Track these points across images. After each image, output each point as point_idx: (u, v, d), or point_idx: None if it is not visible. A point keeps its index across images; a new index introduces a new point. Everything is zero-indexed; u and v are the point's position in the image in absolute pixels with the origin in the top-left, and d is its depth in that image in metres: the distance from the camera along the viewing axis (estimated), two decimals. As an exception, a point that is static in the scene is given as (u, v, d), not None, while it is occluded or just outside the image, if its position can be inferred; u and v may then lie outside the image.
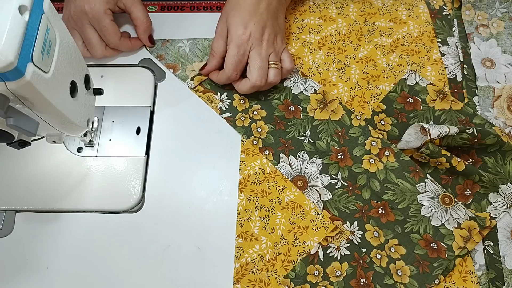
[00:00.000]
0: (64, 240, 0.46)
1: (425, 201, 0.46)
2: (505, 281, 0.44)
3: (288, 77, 0.54)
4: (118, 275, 0.45)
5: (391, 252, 0.45)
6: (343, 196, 0.48)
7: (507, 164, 0.48)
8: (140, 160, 0.50)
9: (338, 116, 0.51)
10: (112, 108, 0.52)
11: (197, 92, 0.53)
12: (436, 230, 0.45)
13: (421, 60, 0.55)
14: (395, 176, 0.48)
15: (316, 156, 0.50)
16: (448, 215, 0.46)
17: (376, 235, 0.46)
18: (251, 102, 0.53)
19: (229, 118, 0.52)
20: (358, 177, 0.48)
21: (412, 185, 0.47)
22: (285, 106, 0.52)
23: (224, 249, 0.46)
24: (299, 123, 0.51)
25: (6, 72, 0.27)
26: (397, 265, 0.45)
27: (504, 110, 0.52)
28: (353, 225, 0.46)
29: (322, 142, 0.50)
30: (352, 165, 0.49)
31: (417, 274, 0.44)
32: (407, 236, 0.45)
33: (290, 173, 0.49)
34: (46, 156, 0.49)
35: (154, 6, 0.60)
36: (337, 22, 0.58)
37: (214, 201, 0.48)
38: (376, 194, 0.47)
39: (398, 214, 0.46)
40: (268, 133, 0.51)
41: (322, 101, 0.52)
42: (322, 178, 0.49)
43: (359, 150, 0.50)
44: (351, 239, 0.46)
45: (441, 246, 0.45)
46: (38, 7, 0.30)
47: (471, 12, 0.58)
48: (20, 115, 0.32)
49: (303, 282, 0.44)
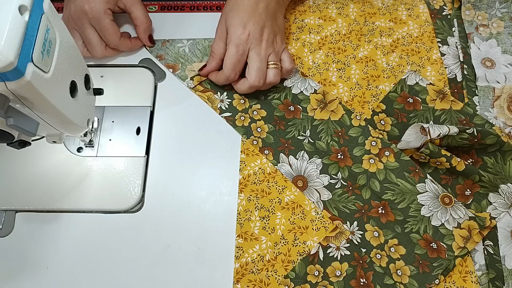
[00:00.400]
0: (64, 240, 0.46)
1: (425, 201, 0.46)
2: (505, 281, 0.44)
3: (288, 77, 0.54)
4: (118, 275, 0.45)
5: (391, 252, 0.45)
6: (343, 196, 0.48)
7: (507, 164, 0.48)
8: (140, 160, 0.50)
9: (338, 116, 0.51)
10: (112, 108, 0.52)
11: (197, 91, 0.53)
12: (436, 230, 0.45)
13: (421, 60, 0.55)
14: (395, 176, 0.48)
15: (316, 156, 0.50)
16: (448, 215, 0.46)
17: (376, 235, 0.46)
18: (251, 102, 0.53)
19: (229, 117, 0.52)
20: (358, 177, 0.48)
21: (412, 185, 0.47)
22: (285, 106, 0.52)
23: (224, 249, 0.46)
24: (299, 123, 0.51)
25: (6, 72, 0.27)
26: (397, 265, 0.44)
27: (504, 110, 0.52)
28: (353, 225, 0.46)
29: (322, 142, 0.50)
30: (352, 165, 0.49)
31: (417, 274, 0.44)
32: (407, 236, 0.45)
33: (290, 173, 0.49)
34: (46, 156, 0.49)
35: (154, 6, 0.60)
36: (337, 22, 0.58)
37: (214, 201, 0.48)
38: (376, 194, 0.47)
39: (398, 214, 0.46)
40: (268, 133, 0.51)
41: (322, 101, 0.52)
42: (322, 178, 0.49)
43: (359, 150, 0.50)
44: (351, 239, 0.46)
45: (441, 246, 0.45)
46: (38, 7, 0.30)
47: (471, 12, 0.58)
48: (20, 115, 0.32)
49: (303, 282, 0.44)
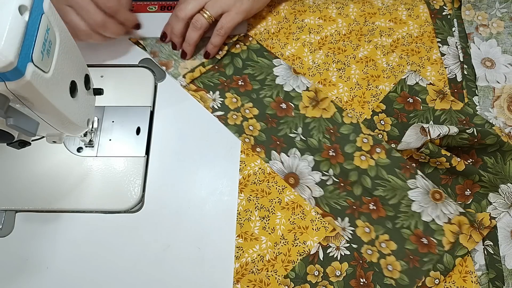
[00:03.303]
0: (64, 240, 0.46)
1: (415, 197, 0.47)
2: (505, 281, 0.44)
3: (280, 74, 0.54)
4: (118, 275, 0.45)
5: (381, 247, 0.45)
6: (335, 192, 0.48)
7: (507, 164, 0.48)
8: (140, 160, 0.50)
9: (330, 114, 0.52)
10: (112, 108, 0.52)
11: (190, 91, 0.53)
12: (426, 226, 0.46)
13: (421, 60, 0.55)
14: (386, 172, 0.48)
15: (308, 153, 0.50)
16: (439, 210, 0.46)
17: (367, 230, 0.46)
18: (243, 101, 0.53)
19: (221, 116, 0.52)
20: (350, 174, 0.48)
21: (403, 181, 0.47)
22: (277, 104, 0.53)
23: (224, 249, 0.46)
24: (291, 120, 0.52)
25: (6, 72, 0.27)
26: (387, 260, 0.45)
27: (504, 110, 0.52)
28: (344, 221, 0.47)
29: (313, 139, 0.50)
30: (344, 161, 0.49)
31: (407, 269, 0.44)
32: (398, 231, 0.46)
33: (281, 170, 0.49)
34: (46, 156, 0.49)
35: (154, 6, 0.60)
36: (337, 22, 0.58)
37: (214, 201, 0.48)
38: (367, 190, 0.48)
39: (389, 210, 0.47)
40: (260, 131, 0.51)
41: (314, 99, 0.53)
42: (314, 175, 0.49)
43: (350, 147, 0.50)
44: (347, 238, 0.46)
45: (431, 241, 0.45)
46: (38, 7, 0.30)
47: (471, 12, 0.58)
48: (20, 115, 0.32)
49: (303, 282, 0.44)
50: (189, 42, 0.53)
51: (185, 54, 0.54)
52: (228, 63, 0.55)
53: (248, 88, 0.54)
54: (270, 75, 0.54)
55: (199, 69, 0.54)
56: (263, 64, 0.55)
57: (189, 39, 0.53)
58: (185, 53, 0.54)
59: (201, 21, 0.52)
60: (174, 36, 0.54)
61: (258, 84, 0.54)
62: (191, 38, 0.53)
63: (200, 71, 0.54)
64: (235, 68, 0.55)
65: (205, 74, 0.55)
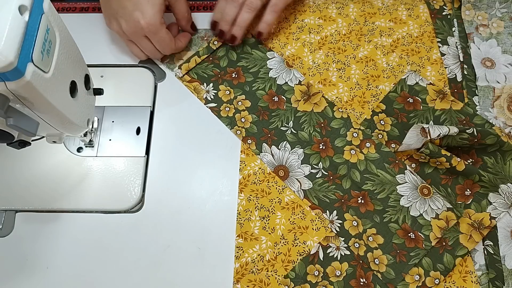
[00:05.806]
0: (64, 240, 0.46)
1: (404, 191, 0.47)
2: (505, 281, 0.44)
3: (274, 67, 0.54)
4: (118, 275, 0.45)
5: (369, 241, 0.45)
6: (324, 185, 0.48)
7: (507, 164, 0.48)
8: (140, 160, 0.50)
9: (321, 108, 0.52)
10: (112, 108, 0.52)
11: (184, 81, 0.54)
12: (414, 220, 0.46)
13: (421, 60, 0.55)
14: (375, 167, 0.48)
15: (298, 146, 0.50)
16: (427, 205, 0.46)
17: (355, 224, 0.46)
18: (236, 93, 0.53)
19: (214, 108, 0.53)
20: (339, 167, 0.49)
21: (391, 176, 0.48)
22: (269, 97, 0.53)
23: (224, 249, 0.46)
24: (283, 113, 0.52)
25: (6, 72, 0.27)
26: (374, 254, 0.45)
27: (504, 110, 0.52)
28: (333, 214, 0.47)
29: (304, 133, 0.51)
30: (333, 155, 0.49)
31: (394, 263, 0.44)
32: (386, 225, 0.46)
33: (271, 163, 0.49)
34: (46, 156, 0.49)
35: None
36: (337, 22, 0.58)
37: (214, 201, 0.48)
38: (356, 184, 0.48)
39: (377, 204, 0.47)
40: (252, 123, 0.52)
41: (306, 93, 0.53)
42: (303, 168, 0.49)
43: (340, 141, 0.50)
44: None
45: (418, 236, 0.45)
46: (38, 7, 0.30)
47: (471, 12, 0.58)
48: (20, 115, 0.32)
49: (303, 282, 0.44)
50: (241, 25, 0.52)
51: (234, 38, 0.53)
52: (223, 56, 0.56)
53: (241, 80, 0.54)
54: (263, 67, 0.55)
55: (194, 59, 0.55)
56: (257, 56, 0.55)
57: (241, 22, 0.52)
58: (234, 37, 0.53)
59: (256, 2, 0.51)
60: (225, 23, 0.53)
61: (251, 76, 0.54)
62: (244, 21, 0.52)
63: (196, 61, 0.55)
64: (229, 60, 0.55)
65: (200, 65, 0.55)
